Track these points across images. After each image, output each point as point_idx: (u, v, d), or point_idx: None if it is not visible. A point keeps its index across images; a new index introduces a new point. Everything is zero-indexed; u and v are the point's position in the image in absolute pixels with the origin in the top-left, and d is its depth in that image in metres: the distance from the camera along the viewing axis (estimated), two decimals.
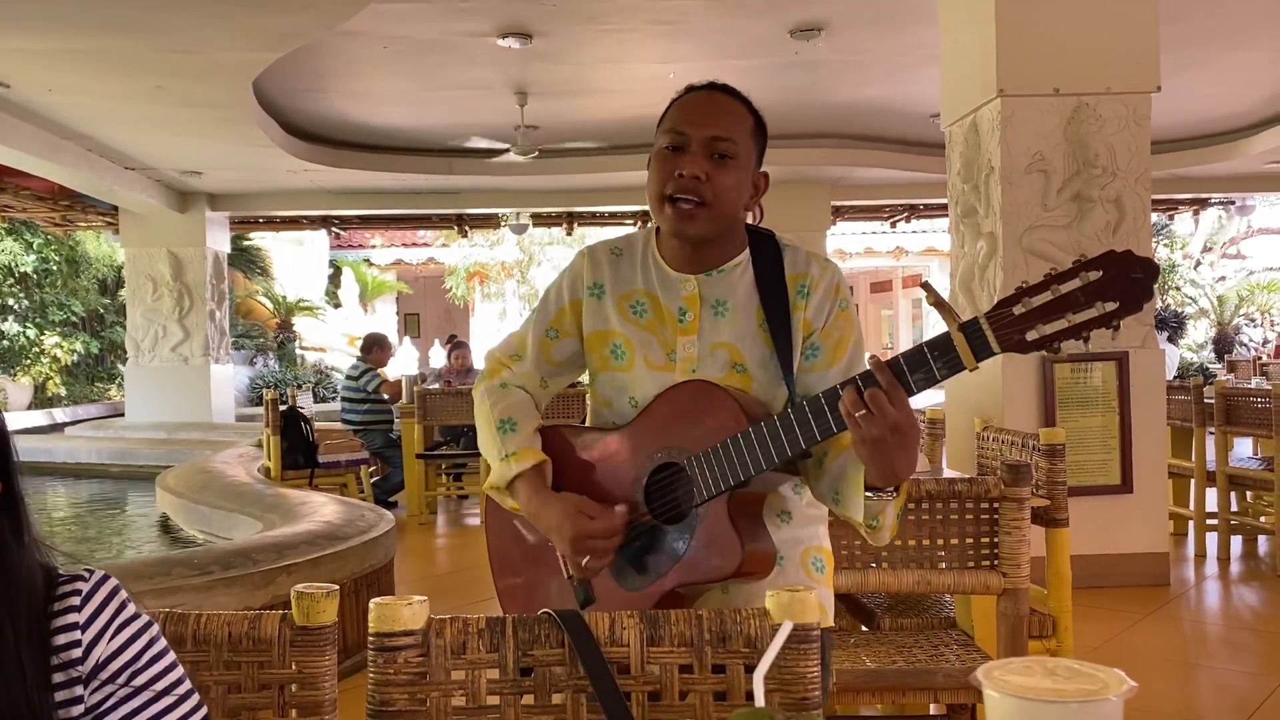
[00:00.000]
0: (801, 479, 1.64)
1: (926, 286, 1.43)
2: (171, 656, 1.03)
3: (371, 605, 1.13)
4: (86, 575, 1.01)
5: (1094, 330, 1.29)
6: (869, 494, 1.45)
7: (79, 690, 0.97)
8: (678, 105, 1.67)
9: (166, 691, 1.00)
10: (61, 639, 0.97)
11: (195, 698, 1.03)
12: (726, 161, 1.60)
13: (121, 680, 0.98)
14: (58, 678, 0.96)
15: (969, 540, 2.24)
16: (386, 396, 8.46)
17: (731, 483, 1.49)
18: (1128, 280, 1.29)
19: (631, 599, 1.56)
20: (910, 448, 1.37)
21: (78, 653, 0.97)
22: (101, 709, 0.97)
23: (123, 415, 12.33)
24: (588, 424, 1.76)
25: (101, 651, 0.98)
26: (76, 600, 0.99)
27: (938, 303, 1.37)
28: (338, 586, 1.23)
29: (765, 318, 1.62)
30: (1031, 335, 1.29)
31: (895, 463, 1.38)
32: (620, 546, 1.57)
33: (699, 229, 1.60)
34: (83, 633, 0.98)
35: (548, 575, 1.67)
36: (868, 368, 1.39)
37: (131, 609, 1.01)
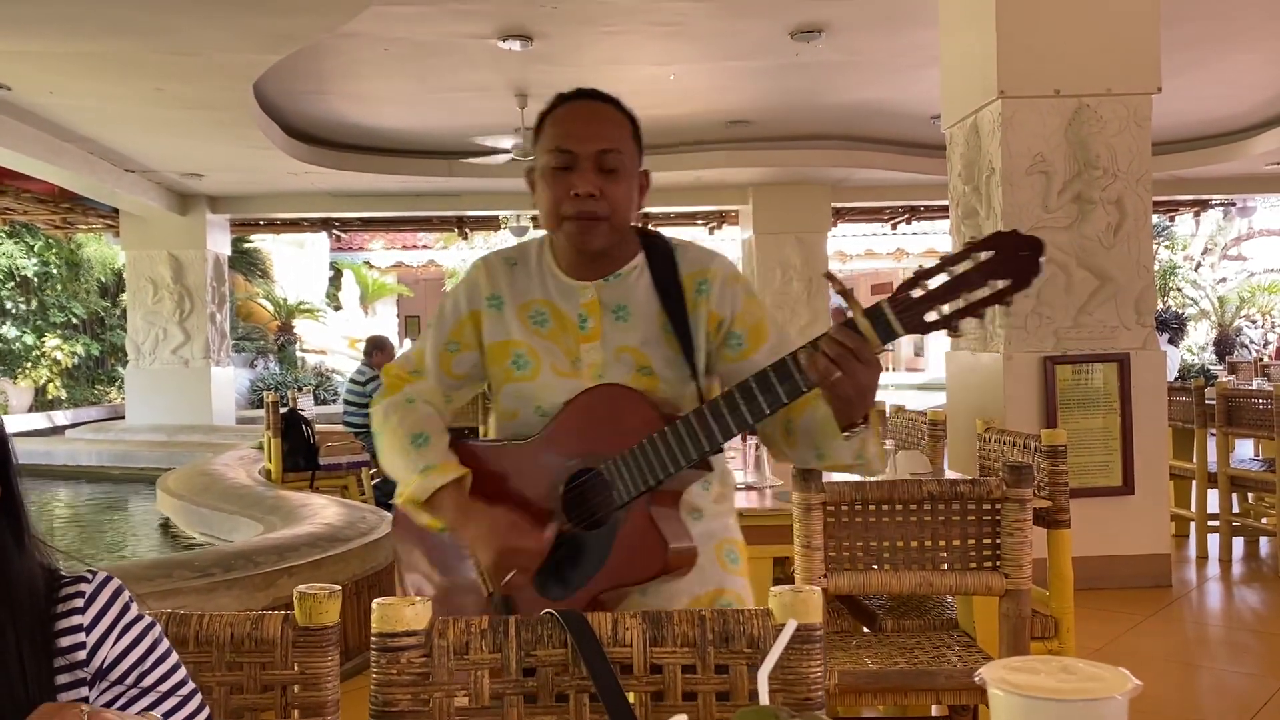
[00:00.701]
0: (707, 478, 1.66)
1: (830, 276, 1.47)
2: (175, 658, 1.03)
3: (375, 605, 1.13)
4: (90, 576, 1.01)
5: (990, 307, 1.35)
6: (846, 434, 1.52)
7: (84, 690, 0.96)
8: (555, 120, 1.66)
9: (172, 692, 1.00)
10: (66, 640, 0.97)
11: (199, 698, 1.03)
12: (616, 174, 1.60)
13: (129, 681, 0.98)
14: (62, 678, 0.96)
15: (971, 541, 2.24)
16: None
17: (651, 482, 1.50)
18: (1017, 258, 1.34)
19: (558, 608, 1.56)
20: (874, 389, 1.45)
21: (82, 654, 0.97)
22: (99, 704, 0.97)
23: (123, 418, 12.33)
24: (488, 437, 1.75)
25: (107, 653, 0.98)
26: (80, 601, 0.99)
27: (843, 292, 1.43)
28: (340, 587, 1.23)
29: (667, 319, 1.63)
30: (931, 316, 1.36)
31: (865, 402, 1.46)
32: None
33: (600, 242, 1.61)
34: (87, 634, 0.97)
35: (463, 591, 1.65)
36: (796, 343, 1.49)
37: (135, 610, 1.02)
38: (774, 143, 9.87)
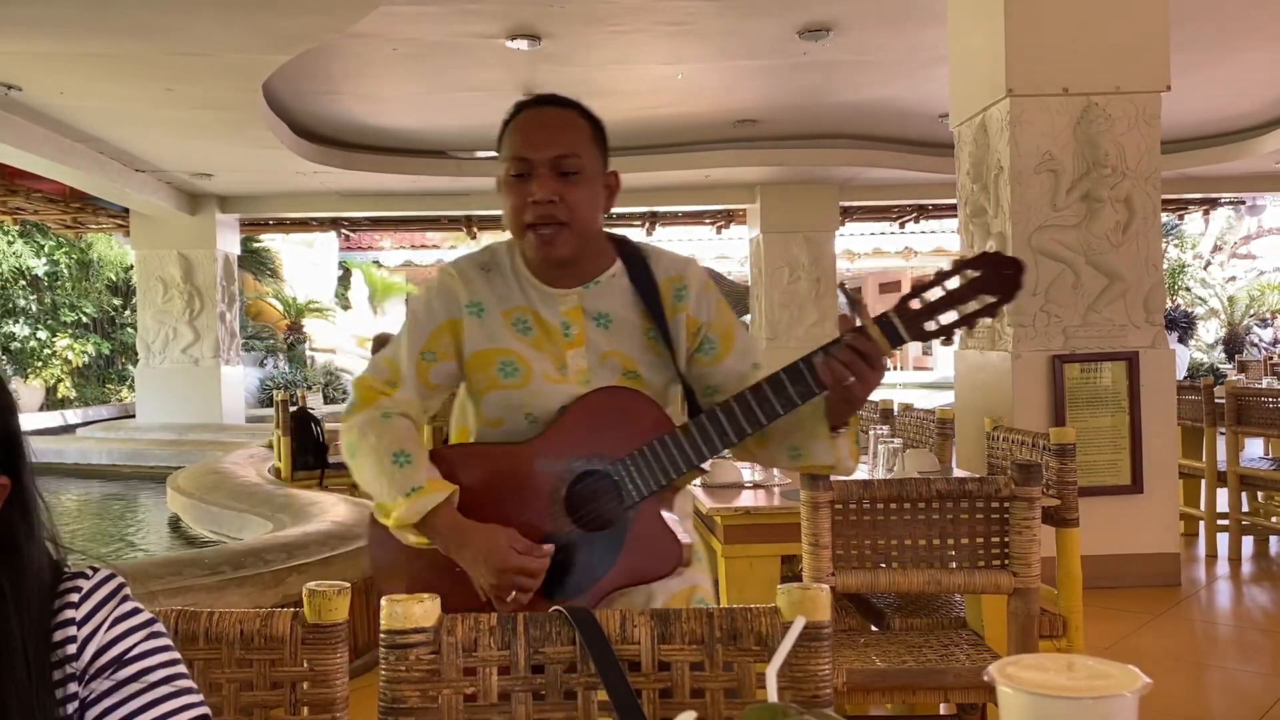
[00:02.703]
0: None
1: (843, 287, 1.62)
2: (172, 653, 0.99)
3: (384, 603, 1.13)
4: (90, 573, 0.99)
5: (980, 319, 1.52)
6: (832, 434, 1.62)
7: (74, 687, 0.94)
8: (513, 129, 1.66)
9: (163, 682, 0.96)
10: (59, 635, 0.95)
11: (193, 695, 0.98)
12: (575, 177, 1.61)
13: (108, 672, 0.94)
14: (55, 675, 0.94)
15: (979, 540, 2.23)
16: None
17: (664, 481, 1.53)
18: (1001, 276, 1.50)
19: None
20: (875, 389, 1.57)
21: (73, 649, 0.94)
22: (89, 699, 0.95)
23: (134, 417, 12.37)
24: (465, 441, 1.73)
25: (96, 646, 0.95)
26: (75, 597, 0.96)
27: (853, 301, 1.56)
28: (349, 585, 1.24)
29: (650, 325, 1.66)
30: (930, 326, 1.51)
31: (861, 404, 1.58)
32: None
33: (562, 251, 1.62)
34: (79, 629, 0.95)
35: (462, 602, 1.59)
36: (757, 347, 1.66)
37: (130, 605, 0.99)
38: (782, 142, 9.86)
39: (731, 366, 1.67)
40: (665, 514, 1.57)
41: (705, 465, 1.68)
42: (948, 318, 1.50)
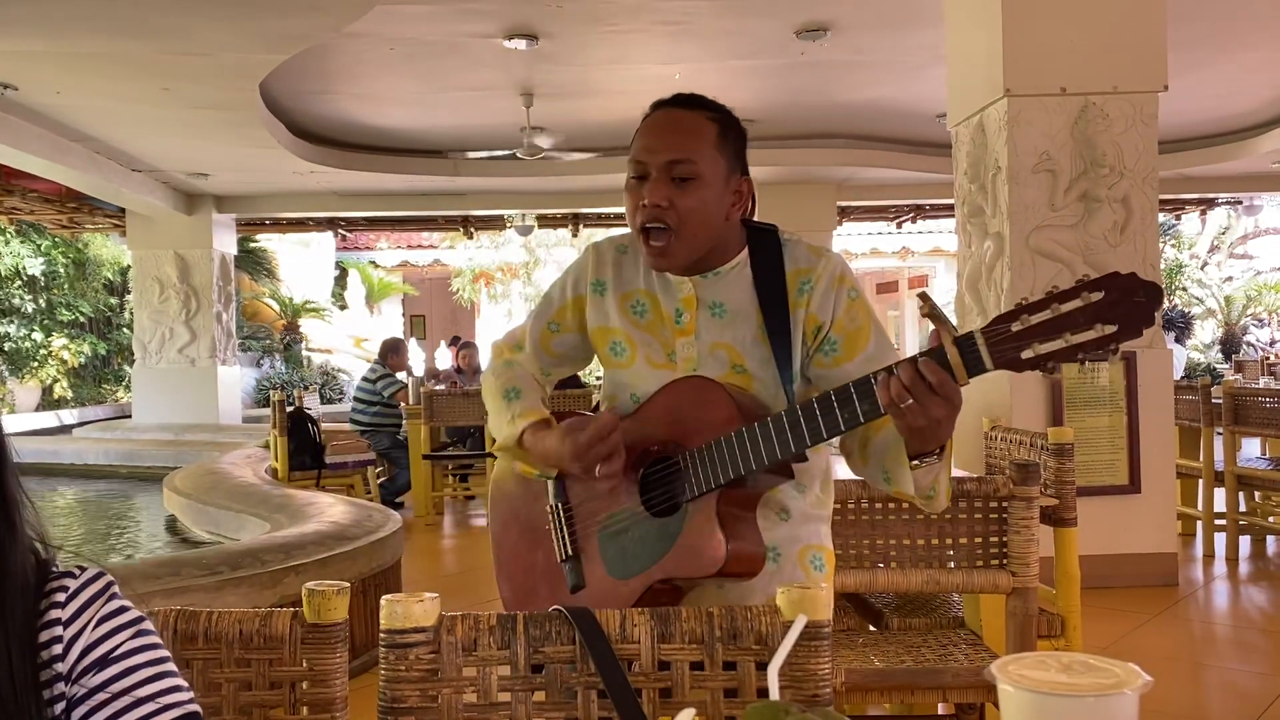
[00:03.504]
0: (800, 481, 1.64)
1: (924, 297, 1.44)
2: (159, 651, 0.96)
3: (383, 602, 1.13)
4: (77, 573, 0.97)
5: (1092, 352, 1.25)
6: (915, 462, 1.46)
7: (61, 688, 0.92)
8: (640, 130, 1.66)
9: (150, 680, 0.94)
10: (44, 636, 0.93)
11: (182, 693, 0.95)
12: (688, 184, 1.58)
13: (93, 671, 0.93)
14: (43, 675, 0.92)
15: (978, 539, 2.23)
16: (401, 405, 8.48)
17: (722, 480, 1.49)
18: (1130, 303, 1.24)
19: (619, 587, 1.58)
20: (950, 423, 1.38)
21: (59, 649, 0.92)
22: (75, 699, 0.93)
23: (130, 417, 12.36)
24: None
25: (81, 645, 0.93)
26: (61, 597, 0.94)
27: (933, 314, 1.39)
28: (348, 584, 1.24)
29: (764, 319, 1.61)
30: (1027, 354, 1.26)
31: (940, 436, 1.41)
32: (613, 534, 1.60)
33: (670, 263, 1.61)
34: (65, 629, 0.93)
35: (544, 558, 1.70)
36: (894, 355, 1.43)
37: (117, 603, 0.96)
38: (779, 141, 9.87)
39: (851, 373, 1.49)
40: (730, 515, 1.52)
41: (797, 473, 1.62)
42: (1051, 345, 1.24)
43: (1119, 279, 1.25)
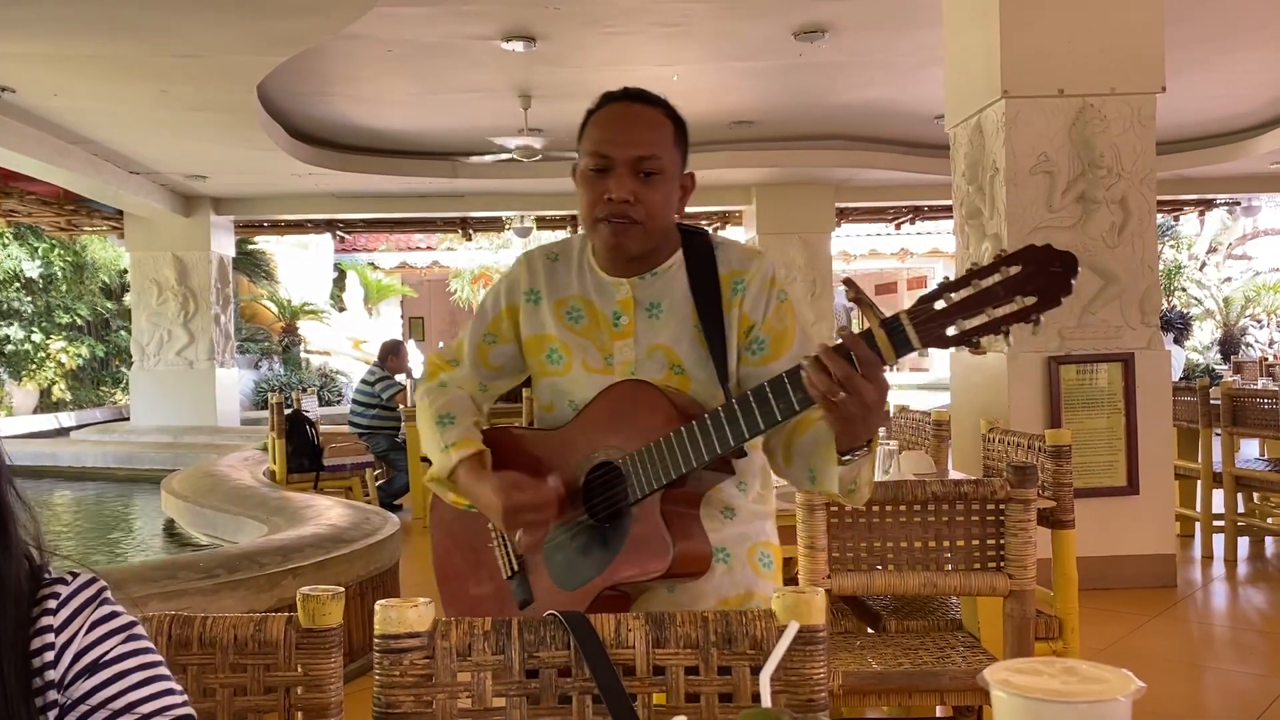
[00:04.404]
0: (742, 478, 1.66)
1: (849, 283, 1.43)
2: (152, 655, 0.96)
3: (377, 607, 1.13)
4: (69, 579, 0.96)
5: (1014, 325, 1.28)
6: (845, 457, 1.44)
7: (53, 695, 0.92)
8: (597, 122, 1.65)
9: (142, 684, 0.93)
10: (36, 643, 0.92)
11: (175, 696, 0.95)
12: (653, 179, 1.60)
13: (85, 676, 0.92)
14: (36, 682, 0.91)
15: (975, 542, 2.23)
16: (400, 407, 8.47)
17: (664, 481, 1.50)
18: (1047, 274, 1.27)
19: (570, 598, 1.57)
20: (881, 409, 1.37)
21: (51, 656, 0.92)
22: (67, 705, 0.92)
23: (128, 419, 12.35)
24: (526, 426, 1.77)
25: (73, 652, 0.93)
26: (53, 604, 0.94)
27: (858, 299, 1.38)
28: (343, 589, 1.23)
29: (700, 319, 1.63)
30: (952, 330, 1.29)
31: (870, 426, 1.39)
32: (558, 545, 1.59)
33: (635, 245, 1.62)
34: (56, 636, 0.93)
35: (488, 577, 1.70)
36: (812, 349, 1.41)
37: (109, 608, 0.96)
38: (777, 143, 9.87)
39: (777, 372, 1.48)
40: (675, 514, 1.53)
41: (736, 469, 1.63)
42: (974, 321, 1.27)
43: (1034, 251, 1.28)
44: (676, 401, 1.55)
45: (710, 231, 1.74)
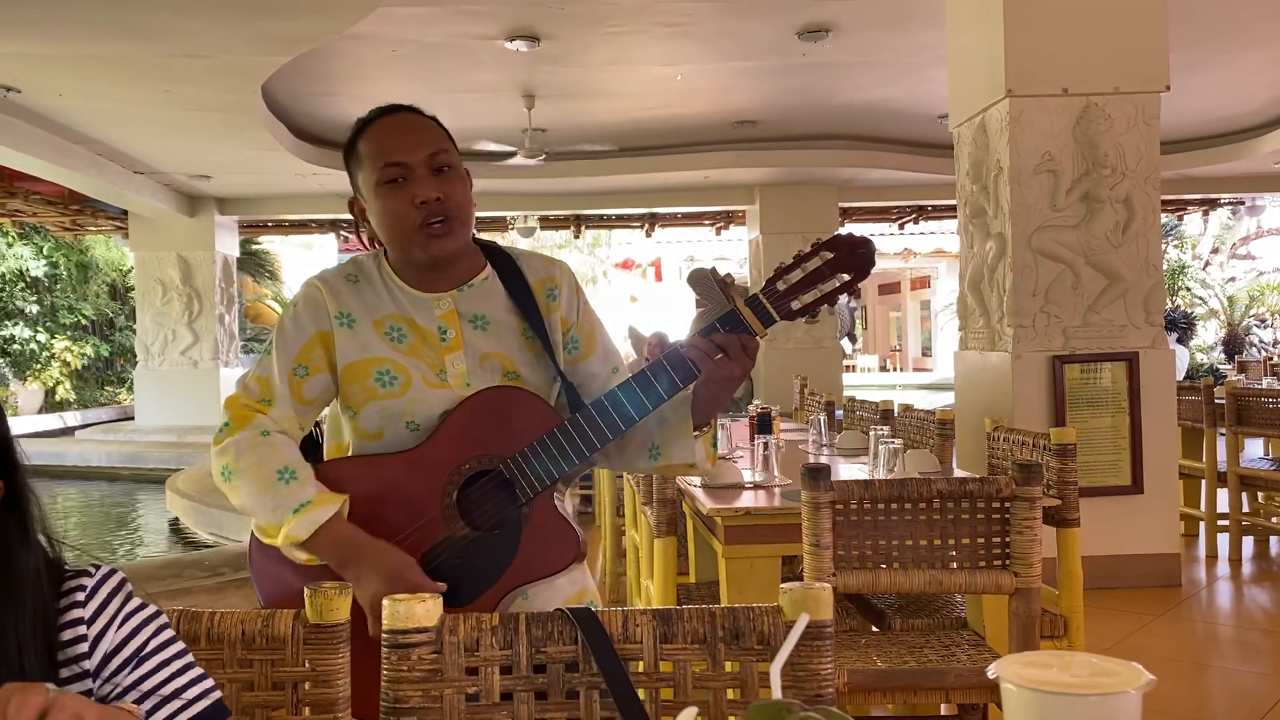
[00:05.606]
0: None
1: (714, 273, 1.58)
2: (180, 643, 1.03)
3: (385, 602, 1.13)
4: (92, 571, 1.01)
5: (840, 295, 1.55)
6: (698, 432, 1.64)
7: (88, 684, 0.96)
8: (372, 138, 1.64)
9: (183, 670, 1.01)
10: (67, 634, 0.97)
11: (207, 680, 1.03)
12: (450, 173, 1.62)
13: (130, 666, 0.98)
14: (64, 673, 0.96)
15: (980, 540, 2.23)
16: None
17: (557, 475, 1.55)
18: (856, 255, 1.53)
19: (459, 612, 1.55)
20: (743, 379, 1.59)
21: (84, 647, 0.97)
22: (110, 697, 0.97)
23: (133, 419, 12.38)
24: (342, 456, 1.68)
25: (109, 643, 0.98)
26: (81, 596, 0.98)
27: (725, 284, 1.57)
28: (350, 584, 1.24)
29: (526, 325, 1.67)
30: (795, 305, 1.54)
31: (729, 394, 1.60)
32: (437, 569, 1.54)
33: (454, 244, 1.62)
34: (88, 627, 0.97)
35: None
36: (616, 346, 1.74)
37: (136, 601, 1.02)
38: (781, 143, 9.87)
39: (593, 368, 1.71)
40: (558, 504, 1.59)
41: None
42: (810, 296, 1.53)
43: (841, 239, 1.55)
44: (545, 402, 1.62)
45: (497, 243, 1.77)
